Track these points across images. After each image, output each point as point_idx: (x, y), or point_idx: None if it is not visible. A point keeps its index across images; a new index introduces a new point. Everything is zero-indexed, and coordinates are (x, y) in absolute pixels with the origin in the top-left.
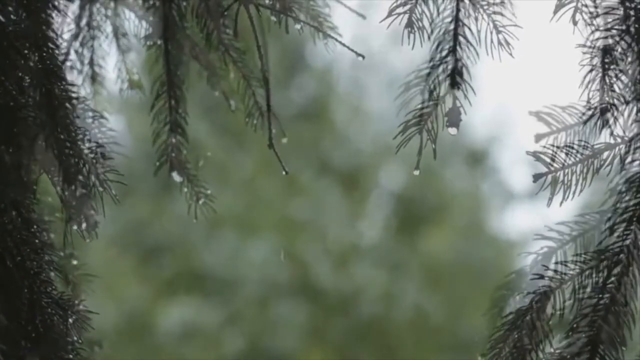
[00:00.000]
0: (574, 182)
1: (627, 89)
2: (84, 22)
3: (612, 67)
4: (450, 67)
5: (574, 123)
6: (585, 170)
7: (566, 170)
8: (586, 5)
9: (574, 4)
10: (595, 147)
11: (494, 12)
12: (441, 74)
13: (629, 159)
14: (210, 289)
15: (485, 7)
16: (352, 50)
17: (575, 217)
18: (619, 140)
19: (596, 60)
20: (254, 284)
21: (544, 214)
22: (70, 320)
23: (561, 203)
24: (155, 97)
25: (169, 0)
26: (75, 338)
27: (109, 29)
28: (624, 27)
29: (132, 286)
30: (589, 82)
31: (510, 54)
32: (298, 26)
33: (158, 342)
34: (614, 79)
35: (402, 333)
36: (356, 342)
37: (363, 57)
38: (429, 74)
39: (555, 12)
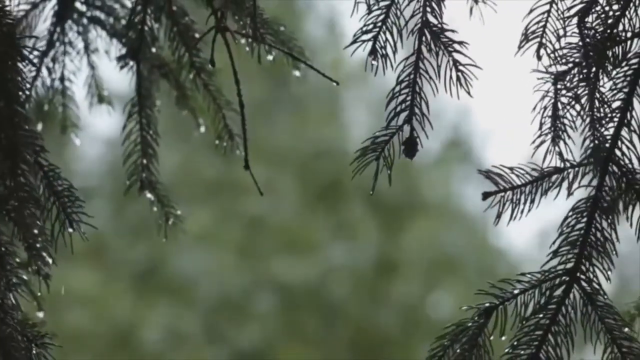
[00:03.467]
0: (522, 201)
1: (579, 116)
2: (55, 37)
3: (564, 93)
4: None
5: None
6: (534, 191)
7: (515, 190)
8: (550, 41)
9: (538, 40)
10: (545, 170)
11: (455, 50)
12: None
13: (575, 185)
14: (187, 296)
15: (447, 44)
16: (326, 77)
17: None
18: (568, 164)
19: (549, 86)
20: (226, 287)
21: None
22: (34, 352)
23: (508, 222)
24: (127, 118)
25: (142, 22)
26: None
27: (80, 45)
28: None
29: (115, 298)
30: (541, 109)
31: (468, 93)
32: (270, 57)
33: (143, 351)
34: (566, 105)
35: (390, 330)
36: (337, 340)
37: (337, 83)
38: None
39: (520, 47)
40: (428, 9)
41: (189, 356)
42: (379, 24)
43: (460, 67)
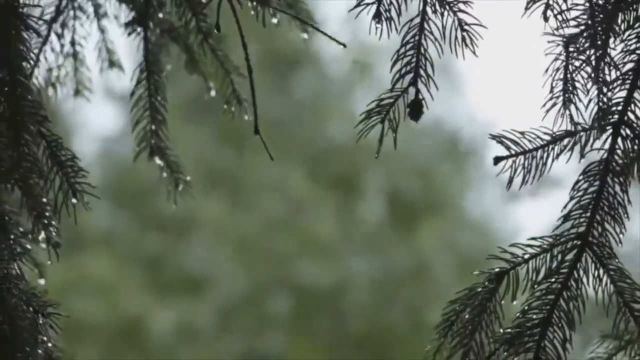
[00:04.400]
0: (534, 166)
1: (590, 79)
2: (64, 3)
3: (575, 55)
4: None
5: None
6: (545, 155)
7: (527, 155)
8: (557, 2)
9: (544, 0)
10: (557, 133)
11: (460, 10)
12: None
13: (587, 148)
14: (201, 290)
15: (452, 4)
16: (333, 39)
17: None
18: (579, 128)
19: (560, 49)
20: (243, 284)
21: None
22: (40, 321)
23: (520, 186)
24: (135, 84)
25: None
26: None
27: (90, 9)
28: (588, 20)
29: (127, 289)
30: (553, 71)
31: (474, 53)
32: (275, 20)
33: (153, 344)
34: (577, 69)
35: (397, 332)
36: (347, 341)
37: (344, 45)
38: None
39: (527, 9)
40: None
41: (199, 351)
42: None
43: (466, 27)
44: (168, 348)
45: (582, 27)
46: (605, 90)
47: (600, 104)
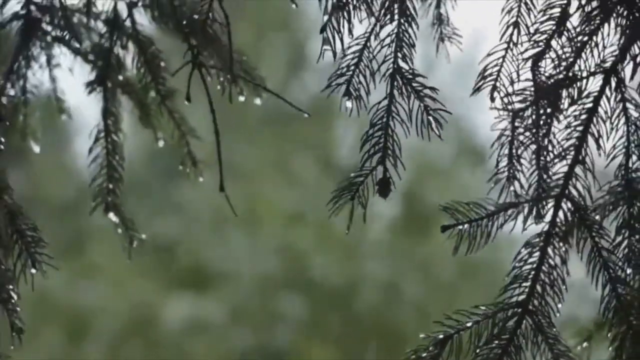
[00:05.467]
0: (478, 234)
1: (534, 154)
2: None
3: (520, 131)
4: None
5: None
6: (490, 224)
7: (472, 224)
8: (504, 85)
9: (492, 82)
10: (500, 205)
11: (426, 95)
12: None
13: (529, 221)
14: (213, 284)
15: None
16: (296, 108)
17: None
18: (522, 200)
19: (506, 124)
20: (256, 279)
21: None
22: None
23: (466, 253)
24: (93, 142)
25: (110, 49)
26: None
27: (43, 59)
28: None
29: (137, 281)
30: (498, 146)
31: (439, 136)
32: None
33: (163, 337)
34: (522, 144)
35: (405, 331)
36: (359, 340)
37: (309, 114)
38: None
39: (477, 88)
40: (399, 55)
41: (209, 345)
42: (352, 67)
43: (431, 112)
44: (178, 341)
45: (527, 103)
46: (547, 166)
47: (541, 181)
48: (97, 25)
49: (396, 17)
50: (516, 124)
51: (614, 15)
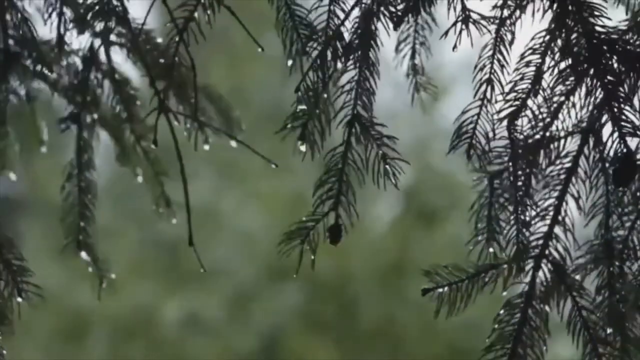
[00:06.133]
0: (459, 298)
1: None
2: None
3: (499, 192)
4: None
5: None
6: (470, 286)
7: (452, 286)
8: (480, 143)
9: (468, 140)
10: (480, 267)
11: (383, 144)
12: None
13: (510, 281)
14: (213, 284)
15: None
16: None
17: None
18: (502, 261)
19: (485, 185)
20: (255, 275)
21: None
22: None
23: (447, 317)
24: (65, 179)
25: (86, 86)
26: None
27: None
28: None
29: (137, 280)
30: (478, 207)
31: (395, 185)
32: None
33: (163, 335)
34: (501, 206)
35: (408, 332)
36: (362, 342)
37: (276, 165)
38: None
39: (452, 147)
40: (359, 102)
41: (208, 343)
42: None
43: (389, 161)
44: (178, 341)
45: (505, 164)
46: (525, 228)
47: (520, 244)
48: (74, 61)
49: (357, 64)
50: (495, 185)
51: (586, 78)
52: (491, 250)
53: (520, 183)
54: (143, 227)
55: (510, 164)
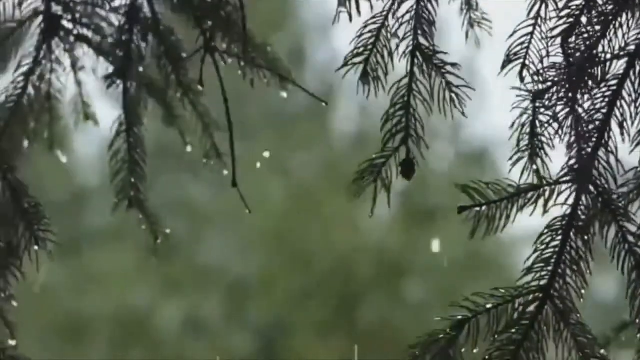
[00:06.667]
0: (497, 217)
1: (557, 134)
2: (41, 55)
3: (542, 111)
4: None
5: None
6: (509, 206)
7: (491, 205)
8: (533, 62)
9: (521, 61)
10: (521, 187)
11: (447, 72)
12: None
13: (551, 203)
14: (210, 283)
15: (439, 66)
16: (315, 97)
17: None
18: (544, 182)
19: (527, 104)
20: (255, 276)
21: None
22: None
23: (483, 237)
24: (114, 136)
25: (129, 41)
26: None
27: (67, 62)
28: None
29: (133, 283)
30: (519, 125)
31: (462, 113)
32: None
33: (161, 337)
34: (544, 124)
35: (407, 333)
36: (361, 342)
37: (326, 103)
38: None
39: (503, 68)
40: (419, 32)
41: (206, 345)
42: (370, 46)
43: (454, 89)
44: (176, 342)
45: (549, 84)
46: (568, 149)
47: (572, 159)
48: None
49: None
50: (538, 103)
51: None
52: (534, 167)
53: (565, 103)
54: (142, 229)
55: (557, 84)
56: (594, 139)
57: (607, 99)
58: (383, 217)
